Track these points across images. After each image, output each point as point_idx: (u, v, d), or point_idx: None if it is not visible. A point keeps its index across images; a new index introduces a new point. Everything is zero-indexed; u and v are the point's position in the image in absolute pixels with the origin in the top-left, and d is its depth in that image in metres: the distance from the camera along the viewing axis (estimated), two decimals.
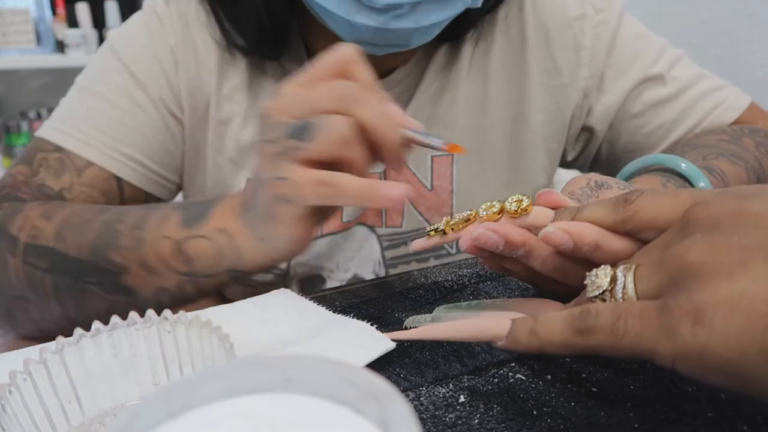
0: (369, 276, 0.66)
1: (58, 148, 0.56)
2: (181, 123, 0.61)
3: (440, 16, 0.50)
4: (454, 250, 0.65)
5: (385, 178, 0.62)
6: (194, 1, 0.60)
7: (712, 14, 1.28)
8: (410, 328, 0.39)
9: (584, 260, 0.33)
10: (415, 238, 0.65)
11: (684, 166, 0.49)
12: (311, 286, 0.66)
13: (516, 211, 0.36)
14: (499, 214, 0.37)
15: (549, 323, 0.28)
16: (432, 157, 0.63)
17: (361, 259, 0.65)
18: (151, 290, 0.45)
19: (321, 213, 0.42)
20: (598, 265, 0.29)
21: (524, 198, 0.37)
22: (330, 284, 0.65)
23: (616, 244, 0.32)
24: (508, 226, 0.35)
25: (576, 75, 0.63)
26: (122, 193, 0.58)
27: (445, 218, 0.40)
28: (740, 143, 0.57)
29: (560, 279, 0.35)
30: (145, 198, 0.61)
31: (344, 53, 0.40)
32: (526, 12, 0.62)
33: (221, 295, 0.72)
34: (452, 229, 0.39)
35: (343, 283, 0.65)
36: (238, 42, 0.58)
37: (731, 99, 0.64)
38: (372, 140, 0.38)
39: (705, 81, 0.64)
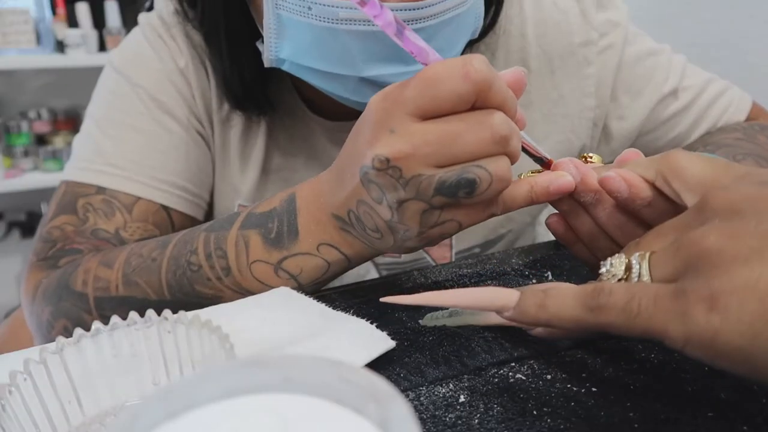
0: None
1: (100, 189, 0.54)
2: (206, 141, 0.60)
3: None
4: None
5: None
6: (189, 26, 0.59)
7: (712, 14, 1.28)
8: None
9: (645, 224, 0.34)
10: (414, 268, 0.65)
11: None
12: None
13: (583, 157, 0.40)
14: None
15: (560, 297, 0.28)
16: None
17: None
18: None
19: None
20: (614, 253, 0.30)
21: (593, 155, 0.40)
22: None
23: (666, 205, 0.33)
24: (589, 168, 0.36)
25: (582, 104, 0.62)
26: (172, 222, 0.57)
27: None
28: (756, 141, 0.58)
29: (619, 240, 0.36)
30: (192, 222, 0.59)
31: (480, 74, 0.31)
32: (528, 40, 0.60)
33: None
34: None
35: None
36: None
37: (737, 101, 0.65)
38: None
39: (712, 86, 0.65)
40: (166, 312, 0.31)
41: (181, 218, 0.58)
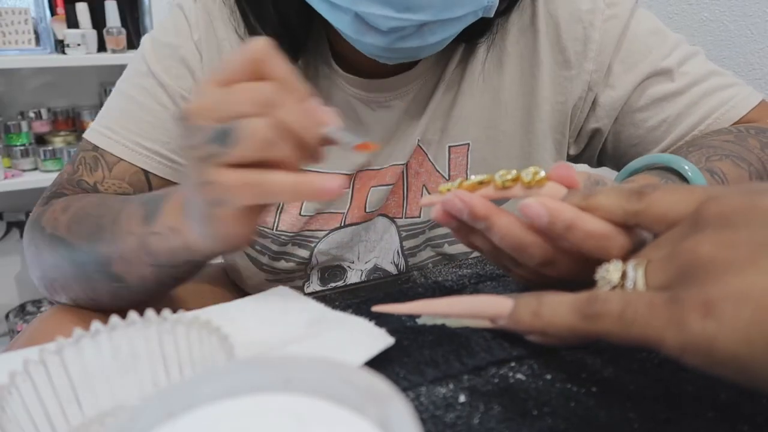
0: (389, 266, 0.68)
1: (95, 147, 0.62)
2: None
3: (447, 33, 0.51)
4: None
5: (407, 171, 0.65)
6: None
7: (712, 14, 1.28)
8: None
9: (541, 244, 0.34)
10: (433, 227, 0.65)
11: (686, 167, 0.49)
12: (332, 276, 0.68)
13: (530, 181, 0.37)
14: (513, 181, 0.38)
15: (554, 305, 0.28)
16: (449, 147, 0.64)
17: (381, 249, 0.67)
18: (135, 278, 0.47)
19: (258, 207, 0.41)
20: (598, 261, 0.30)
21: (541, 170, 0.37)
22: (350, 274, 0.67)
23: (591, 225, 0.32)
24: (476, 197, 0.36)
25: (582, 68, 0.64)
26: (150, 184, 0.62)
27: (459, 179, 0.40)
28: (745, 144, 0.57)
29: (518, 258, 0.36)
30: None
31: (256, 50, 0.38)
32: (538, 5, 0.63)
33: (234, 285, 0.73)
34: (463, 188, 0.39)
35: (364, 274, 0.67)
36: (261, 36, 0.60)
37: (741, 96, 0.63)
38: (295, 139, 0.38)
39: (716, 78, 0.64)
40: (166, 312, 0.31)
41: (162, 182, 0.62)
